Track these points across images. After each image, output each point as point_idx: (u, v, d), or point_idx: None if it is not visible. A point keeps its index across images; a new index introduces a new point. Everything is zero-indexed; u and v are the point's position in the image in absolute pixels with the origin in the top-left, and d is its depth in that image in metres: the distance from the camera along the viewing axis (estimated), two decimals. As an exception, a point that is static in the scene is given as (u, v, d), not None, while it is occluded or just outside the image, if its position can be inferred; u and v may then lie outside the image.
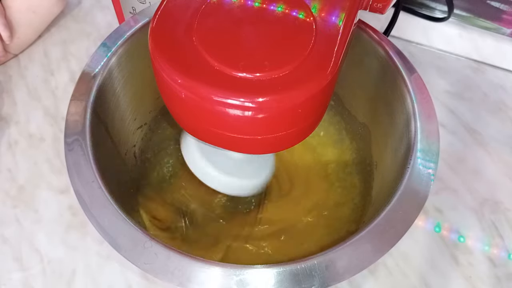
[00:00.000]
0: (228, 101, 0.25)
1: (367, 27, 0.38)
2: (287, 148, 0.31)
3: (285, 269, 0.27)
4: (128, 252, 0.28)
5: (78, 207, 0.30)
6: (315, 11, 0.29)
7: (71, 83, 0.51)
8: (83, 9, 0.59)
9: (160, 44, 0.27)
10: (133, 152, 0.43)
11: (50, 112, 0.49)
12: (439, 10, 0.54)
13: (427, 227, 0.43)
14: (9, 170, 0.45)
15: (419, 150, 0.32)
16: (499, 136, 0.49)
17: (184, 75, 0.26)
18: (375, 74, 0.39)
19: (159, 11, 0.29)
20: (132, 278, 0.39)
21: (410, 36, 0.56)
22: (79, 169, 0.31)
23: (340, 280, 0.27)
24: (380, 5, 0.36)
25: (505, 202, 0.45)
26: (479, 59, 0.55)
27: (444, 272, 0.41)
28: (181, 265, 0.27)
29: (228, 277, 0.27)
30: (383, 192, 0.35)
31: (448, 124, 0.50)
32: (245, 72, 0.25)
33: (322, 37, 0.27)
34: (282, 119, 0.27)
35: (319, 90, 0.26)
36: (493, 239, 0.43)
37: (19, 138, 0.47)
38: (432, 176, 0.31)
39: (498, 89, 0.53)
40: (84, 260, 0.40)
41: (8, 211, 0.43)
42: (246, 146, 0.30)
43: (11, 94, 0.50)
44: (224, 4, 0.29)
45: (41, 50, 0.54)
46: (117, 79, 0.37)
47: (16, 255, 0.40)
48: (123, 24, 0.38)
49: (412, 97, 0.35)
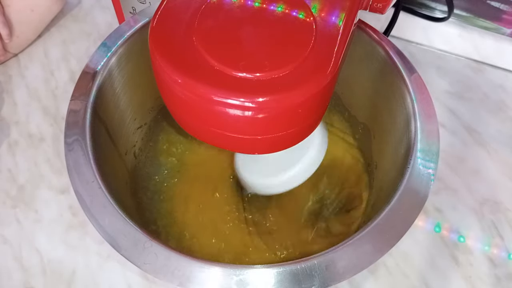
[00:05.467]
0: (228, 101, 0.25)
1: (367, 27, 0.38)
2: (287, 148, 0.31)
3: (285, 269, 0.27)
4: (128, 252, 0.28)
5: (78, 207, 0.30)
6: (315, 11, 0.29)
7: (71, 83, 0.51)
8: (83, 9, 0.59)
9: (160, 44, 0.27)
10: (133, 152, 0.43)
11: (50, 112, 0.49)
12: (439, 10, 0.54)
13: (427, 227, 0.43)
14: (9, 170, 0.45)
15: (419, 150, 0.32)
16: (499, 136, 0.49)
17: (184, 75, 0.26)
18: (375, 74, 0.39)
19: (159, 11, 0.29)
20: (132, 278, 0.39)
21: (410, 36, 0.56)
22: (79, 169, 0.31)
23: (340, 280, 0.27)
24: (380, 5, 0.36)
25: (505, 202, 0.45)
26: (479, 59, 0.55)
27: (444, 272, 0.41)
28: (181, 265, 0.27)
29: (228, 277, 0.27)
30: (383, 192, 0.35)
31: (448, 124, 0.50)
32: (245, 72, 0.25)
33: (322, 37, 0.27)
34: (282, 119, 0.27)
35: (319, 90, 0.26)
36: (493, 239, 0.43)
37: (19, 138, 0.47)
38: (432, 176, 0.31)
39: (498, 89, 0.53)
40: (84, 260, 0.40)
41: (8, 211, 0.43)
42: (246, 146, 0.30)
43: (11, 94, 0.50)
44: (224, 4, 0.29)
45: (41, 50, 0.54)
46: (117, 79, 0.37)
47: (16, 255, 0.40)
48: (123, 24, 0.38)
49: (412, 97, 0.35)
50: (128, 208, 0.33)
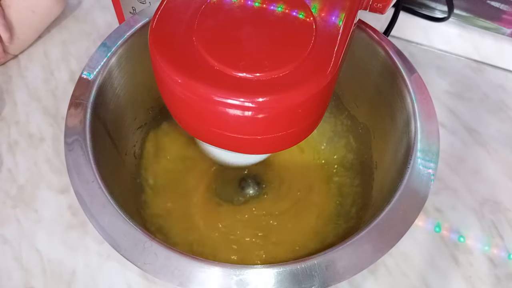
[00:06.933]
0: (228, 101, 0.25)
1: (367, 27, 0.38)
2: (287, 148, 0.31)
3: (285, 269, 0.27)
4: (128, 252, 0.28)
5: (78, 207, 0.30)
6: (315, 11, 0.29)
7: (71, 83, 0.51)
8: (83, 9, 0.59)
9: (160, 44, 0.27)
10: (133, 152, 0.43)
11: (50, 112, 0.49)
12: (439, 10, 0.54)
13: (427, 227, 0.43)
14: (9, 170, 0.45)
15: (419, 150, 0.32)
16: (499, 136, 0.49)
17: (184, 75, 0.26)
18: (375, 74, 0.39)
19: (159, 11, 0.29)
20: (132, 278, 0.39)
21: (410, 36, 0.56)
22: (79, 169, 0.31)
23: (340, 280, 0.27)
24: (380, 5, 0.36)
25: (505, 202, 0.45)
26: (479, 59, 0.55)
27: (444, 272, 0.41)
28: (181, 265, 0.27)
29: (228, 277, 0.27)
30: (383, 192, 0.35)
31: (448, 124, 0.50)
32: (245, 72, 0.25)
33: (322, 37, 0.27)
34: (282, 119, 0.27)
35: (319, 90, 0.26)
36: (493, 239, 0.43)
37: (19, 138, 0.47)
38: (432, 176, 0.31)
39: (498, 89, 0.53)
40: (84, 260, 0.40)
41: (8, 211, 0.43)
42: (246, 146, 0.30)
43: (11, 94, 0.50)
44: (224, 4, 0.29)
45: (41, 50, 0.54)
46: (117, 79, 0.37)
47: (16, 255, 0.40)
48: (123, 24, 0.38)
49: (412, 97, 0.35)
50: (128, 208, 0.33)
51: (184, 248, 0.40)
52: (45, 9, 0.53)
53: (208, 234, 0.41)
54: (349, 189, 0.43)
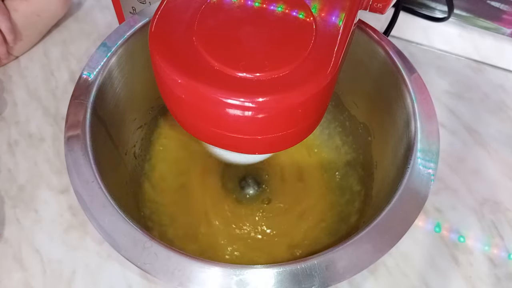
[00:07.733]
0: (228, 101, 0.25)
1: (367, 27, 0.38)
2: (287, 148, 0.31)
3: (285, 269, 0.27)
4: (128, 252, 0.28)
5: (78, 207, 0.30)
6: (315, 11, 0.29)
7: (71, 83, 0.51)
8: (83, 9, 0.59)
9: (160, 44, 0.27)
10: (133, 152, 0.43)
11: (50, 112, 0.49)
12: (439, 10, 0.54)
13: (427, 227, 0.43)
14: (9, 170, 0.45)
15: (419, 150, 0.32)
16: (499, 136, 0.49)
17: (184, 75, 0.26)
18: (375, 74, 0.39)
19: (159, 11, 0.29)
20: (132, 278, 0.39)
21: (410, 36, 0.56)
22: (79, 169, 0.31)
23: (340, 280, 0.27)
24: (380, 5, 0.35)
25: (505, 202, 0.45)
26: (479, 59, 0.55)
27: (444, 272, 0.41)
28: (181, 265, 0.27)
29: (228, 277, 0.27)
30: (383, 192, 0.35)
31: (448, 124, 0.50)
32: (245, 72, 0.25)
33: (322, 37, 0.27)
34: (282, 119, 0.27)
35: (319, 90, 0.26)
36: (493, 239, 0.43)
37: (19, 138, 0.47)
38: (432, 176, 0.31)
39: (498, 89, 0.53)
40: (84, 260, 0.40)
41: (8, 211, 0.43)
42: (246, 146, 0.30)
43: (11, 94, 0.50)
44: (224, 4, 0.29)
45: (41, 50, 0.54)
46: (117, 79, 0.37)
47: (16, 255, 0.40)
48: (123, 24, 0.38)
49: (412, 97, 0.35)
50: (128, 208, 0.33)
51: (184, 248, 0.40)
52: (50, 13, 0.53)
53: (208, 234, 0.41)
54: (349, 189, 0.44)
